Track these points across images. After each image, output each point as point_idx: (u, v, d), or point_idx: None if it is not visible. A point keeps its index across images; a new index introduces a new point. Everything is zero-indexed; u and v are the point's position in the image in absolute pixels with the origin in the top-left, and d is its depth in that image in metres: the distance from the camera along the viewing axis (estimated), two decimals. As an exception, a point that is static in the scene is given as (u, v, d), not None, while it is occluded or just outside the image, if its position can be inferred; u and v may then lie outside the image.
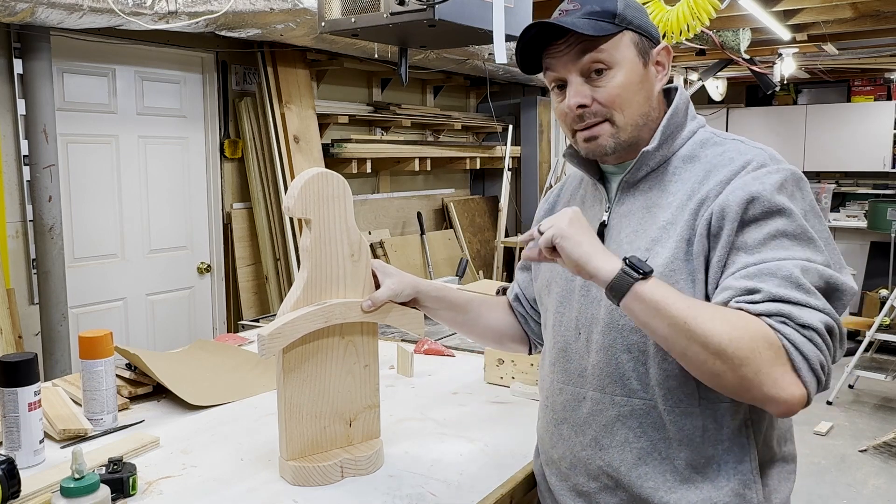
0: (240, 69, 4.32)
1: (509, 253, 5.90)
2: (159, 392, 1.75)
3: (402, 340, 2.25)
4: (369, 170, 4.88)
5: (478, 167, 5.89)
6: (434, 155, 5.39)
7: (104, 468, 1.24)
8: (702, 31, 4.11)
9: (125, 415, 1.64)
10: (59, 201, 3.30)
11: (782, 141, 7.64)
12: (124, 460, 1.27)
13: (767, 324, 0.98)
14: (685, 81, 6.39)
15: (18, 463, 1.20)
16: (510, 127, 5.82)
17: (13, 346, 3.10)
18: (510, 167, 5.86)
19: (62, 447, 1.47)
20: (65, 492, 1.07)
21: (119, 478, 1.22)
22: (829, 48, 5.27)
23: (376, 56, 4.21)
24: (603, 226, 1.22)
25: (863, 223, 6.86)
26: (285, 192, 2.14)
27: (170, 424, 1.59)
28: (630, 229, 1.17)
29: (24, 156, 3.29)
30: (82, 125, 3.61)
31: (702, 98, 7.47)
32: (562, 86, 1.18)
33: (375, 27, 1.94)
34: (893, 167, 7.39)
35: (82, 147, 3.61)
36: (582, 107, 1.15)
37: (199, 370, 1.87)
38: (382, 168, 5.25)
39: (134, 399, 1.72)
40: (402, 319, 1.38)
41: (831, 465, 4.11)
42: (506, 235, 5.84)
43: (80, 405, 1.59)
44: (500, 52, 1.84)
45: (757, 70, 5.14)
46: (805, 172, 7.53)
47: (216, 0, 3.19)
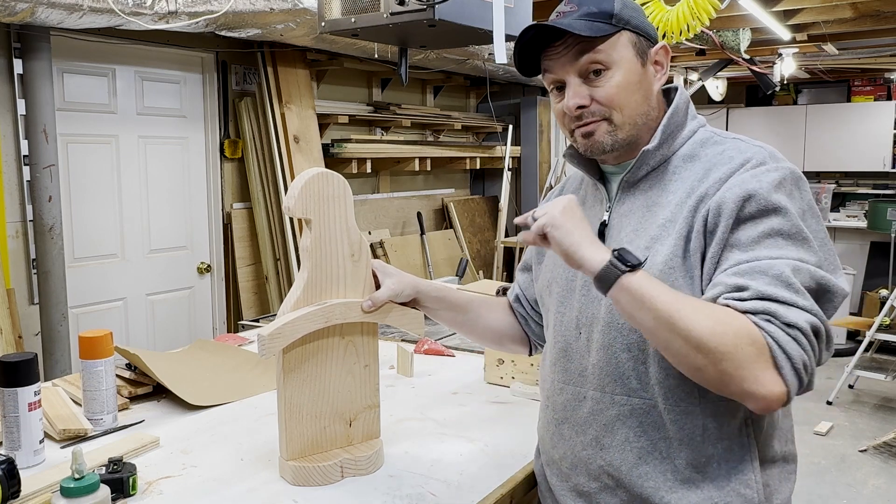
0: (240, 69, 4.31)
1: (509, 253, 5.90)
2: (159, 392, 1.75)
3: (402, 340, 2.25)
4: (369, 170, 4.88)
5: (478, 167, 5.90)
6: (434, 155, 5.39)
7: (104, 468, 1.24)
8: (702, 31, 4.10)
9: (125, 415, 1.64)
10: (59, 201, 3.30)
11: (782, 141, 7.63)
12: (124, 460, 1.27)
13: (752, 321, 0.98)
14: (685, 81, 6.39)
15: (18, 463, 1.20)
16: (510, 127, 5.82)
17: (13, 346, 3.10)
18: (510, 167, 5.86)
19: (62, 447, 1.47)
20: (65, 492, 1.07)
21: (119, 478, 1.22)
22: (829, 48, 5.27)
23: (376, 56, 4.21)
24: (604, 225, 1.22)
25: (863, 223, 6.86)
26: (285, 192, 2.14)
27: (170, 424, 1.59)
28: (630, 228, 1.18)
29: (24, 156, 3.29)
30: (82, 125, 3.61)
31: (702, 98, 7.47)
32: (560, 87, 1.19)
33: (375, 27, 1.94)
34: (893, 167, 7.39)
35: (82, 147, 3.61)
36: (581, 107, 1.16)
37: (199, 370, 1.87)
38: (382, 168, 5.25)
39: (134, 399, 1.72)
40: (402, 319, 1.38)
41: (831, 465, 4.11)
42: (506, 235, 5.84)
43: (80, 405, 1.59)
44: (500, 52, 1.84)
45: (757, 70, 5.14)
46: (805, 172, 7.53)
47: (216, 0, 3.19)
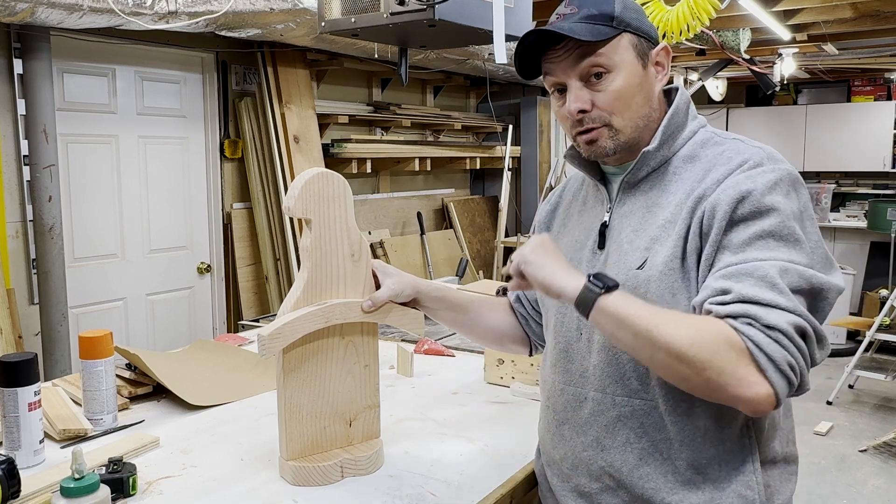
0: (240, 69, 4.31)
1: (509, 253, 5.88)
2: (159, 392, 1.75)
3: (402, 340, 2.25)
4: (369, 170, 4.88)
5: (478, 167, 5.90)
6: (434, 155, 5.39)
7: (104, 468, 1.24)
8: (702, 31, 4.10)
9: (125, 415, 1.64)
10: (59, 201, 3.30)
11: (782, 141, 7.63)
12: (124, 460, 1.27)
13: (731, 325, 0.98)
14: (685, 81, 6.39)
15: (18, 463, 1.20)
16: (510, 127, 5.82)
17: (13, 346, 3.10)
18: (510, 167, 5.86)
19: (62, 447, 1.47)
20: (65, 492, 1.07)
21: (119, 478, 1.22)
22: (829, 48, 5.27)
23: (376, 56, 4.21)
24: (604, 226, 1.22)
25: (863, 223, 6.86)
26: (285, 192, 2.14)
27: (170, 424, 1.59)
28: (631, 229, 1.18)
29: (24, 156, 3.29)
30: (82, 125, 3.61)
31: (702, 98, 7.47)
32: (562, 89, 1.19)
33: (375, 27, 1.94)
34: (893, 167, 7.39)
35: (82, 147, 3.61)
36: (582, 112, 1.16)
37: (199, 370, 1.87)
38: (382, 168, 5.25)
39: (134, 399, 1.72)
40: (402, 319, 1.38)
41: (831, 465, 4.11)
42: (506, 235, 5.84)
43: (80, 405, 1.59)
44: (500, 53, 1.84)
45: (757, 70, 5.13)
46: (805, 172, 7.57)
47: (216, 0, 3.19)
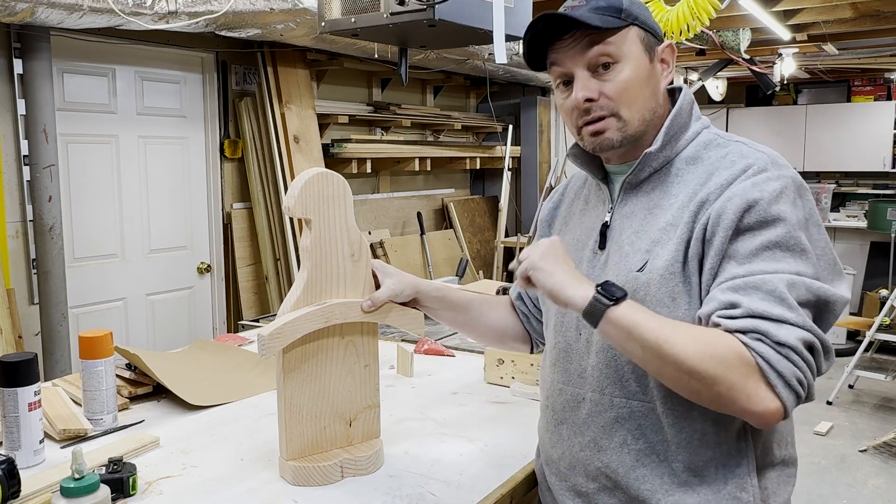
0: (240, 69, 4.31)
1: (509, 253, 5.89)
2: (159, 392, 1.75)
3: (402, 340, 2.25)
4: (369, 170, 4.88)
5: (478, 167, 5.89)
6: (434, 155, 5.39)
7: (104, 468, 1.23)
8: (702, 31, 4.10)
9: (125, 415, 1.64)
10: (59, 201, 3.30)
11: (782, 141, 7.63)
12: (124, 460, 1.27)
13: (742, 341, 0.99)
14: (685, 81, 6.39)
15: (18, 463, 1.20)
16: (510, 127, 5.82)
17: (13, 346, 3.10)
18: (510, 167, 5.86)
19: (62, 447, 1.47)
20: (65, 492, 1.07)
21: (119, 478, 1.22)
22: (829, 48, 5.27)
23: (376, 56, 4.20)
24: (605, 226, 1.21)
25: (863, 223, 6.86)
26: (285, 192, 2.13)
27: (170, 424, 1.59)
28: (632, 230, 1.17)
29: (24, 156, 3.29)
30: (82, 125, 3.61)
31: (702, 98, 7.47)
32: (567, 82, 1.18)
33: (375, 27, 1.94)
34: (893, 167, 7.39)
35: (82, 147, 3.61)
36: (589, 101, 1.15)
37: (199, 370, 1.87)
38: (382, 168, 5.25)
39: (134, 399, 1.72)
40: (402, 319, 1.38)
41: (831, 465, 4.11)
42: (506, 235, 5.84)
43: (80, 405, 1.59)
44: (500, 52, 1.84)
45: (757, 70, 5.13)
46: (805, 172, 7.57)
47: (216, 0, 3.19)
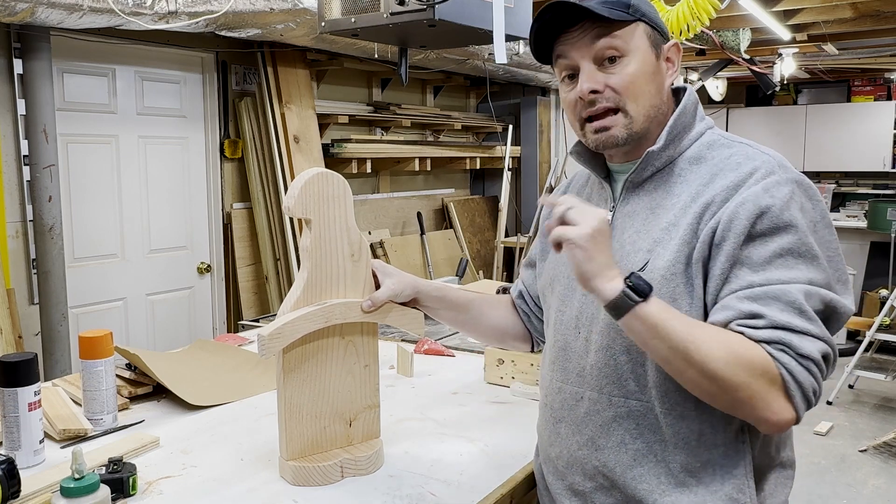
0: (240, 69, 4.31)
1: (509, 253, 5.89)
2: (159, 392, 1.75)
3: (402, 340, 2.25)
4: (369, 170, 4.88)
5: (478, 167, 5.89)
6: (434, 155, 5.39)
7: (104, 468, 1.24)
8: (702, 31, 4.10)
9: (125, 415, 1.64)
10: (59, 201, 3.30)
11: (782, 141, 7.63)
12: (124, 460, 1.27)
13: (767, 351, 1.00)
14: (685, 81, 6.39)
15: (18, 463, 1.20)
16: (510, 127, 5.82)
17: (13, 346, 3.10)
18: (510, 167, 5.85)
19: (62, 447, 1.47)
20: (65, 492, 1.07)
21: (119, 478, 1.22)
22: (829, 48, 5.27)
23: (376, 56, 4.20)
24: (607, 225, 1.21)
25: (863, 223, 6.86)
26: (285, 192, 2.13)
27: (170, 424, 1.59)
28: (633, 230, 1.17)
29: (24, 156, 3.29)
30: (82, 125, 3.61)
31: (702, 98, 7.40)
32: (572, 76, 1.17)
33: (375, 27, 1.94)
34: (893, 167, 7.39)
35: (82, 147, 3.61)
36: (594, 93, 1.14)
37: (199, 370, 1.87)
38: (382, 168, 5.25)
39: (134, 399, 1.72)
40: (402, 319, 1.38)
41: (831, 465, 4.11)
42: (506, 235, 5.84)
43: (80, 405, 1.59)
44: (500, 52, 1.84)
45: (757, 70, 5.13)
46: (805, 172, 7.51)
47: (216, 0, 3.19)
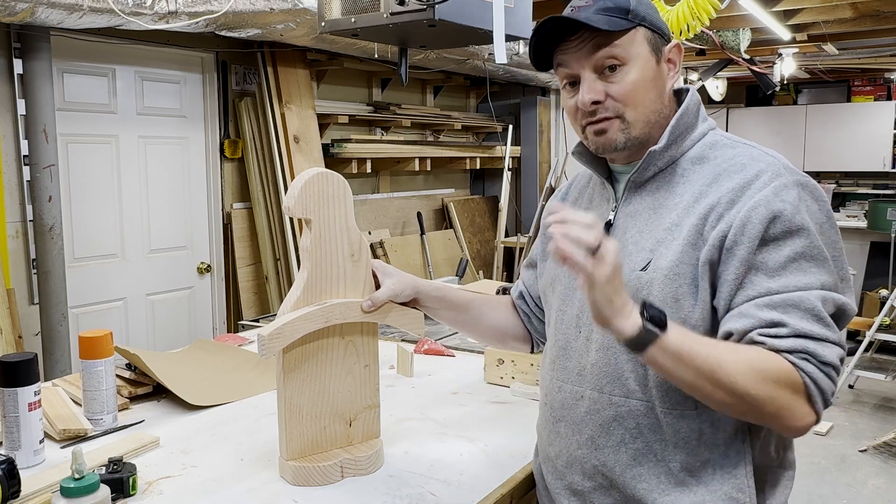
0: (240, 69, 4.31)
1: (509, 253, 5.89)
2: (159, 392, 1.75)
3: (402, 340, 2.25)
4: (369, 170, 4.88)
5: (478, 167, 5.89)
6: (434, 155, 5.39)
7: (104, 468, 1.24)
8: (702, 31, 4.10)
9: (125, 415, 1.64)
10: (59, 201, 3.30)
11: (782, 141, 7.63)
12: (124, 460, 1.27)
13: (790, 361, 1.01)
14: (685, 81, 6.40)
15: (18, 463, 1.20)
16: (510, 127, 5.82)
17: (13, 346, 3.10)
18: (510, 167, 5.86)
19: (62, 447, 1.47)
20: (65, 492, 1.07)
21: (119, 478, 1.22)
22: (829, 48, 5.27)
23: (376, 56, 4.20)
24: (608, 225, 1.21)
25: (863, 223, 6.85)
26: (285, 192, 2.13)
27: (170, 424, 1.59)
28: (636, 230, 1.17)
29: (24, 156, 3.29)
30: (82, 125, 3.61)
31: (702, 98, 7.45)
32: (573, 82, 1.17)
33: (375, 27, 1.94)
34: (893, 167, 7.39)
35: (82, 147, 3.61)
36: (595, 103, 1.14)
37: (199, 370, 1.87)
38: (382, 168, 5.25)
39: (134, 399, 1.72)
40: (402, 319, 1.38)
41: (831, 465, 4.11)
42: (506, 235, 5.84)
43: (80, 405, 1.59)
44: (500, 52, 1.84)
45: (757, 70, 5.13)
46: (805, 172, 7.54)
47: (216, 0, 3.19)
